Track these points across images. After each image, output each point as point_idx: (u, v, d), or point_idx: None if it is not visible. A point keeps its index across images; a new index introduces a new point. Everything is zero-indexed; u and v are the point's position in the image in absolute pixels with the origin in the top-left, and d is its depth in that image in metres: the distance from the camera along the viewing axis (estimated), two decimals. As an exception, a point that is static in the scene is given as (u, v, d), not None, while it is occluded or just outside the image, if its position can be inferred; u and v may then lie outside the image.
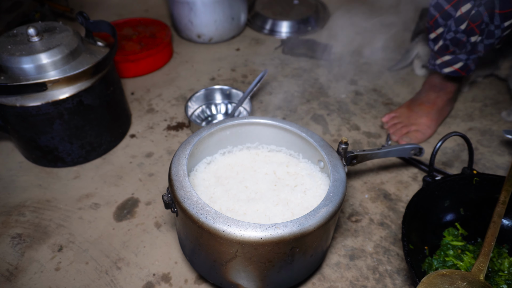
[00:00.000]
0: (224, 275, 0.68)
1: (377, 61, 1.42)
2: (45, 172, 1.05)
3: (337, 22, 1.60)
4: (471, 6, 0.91)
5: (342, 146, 0.79)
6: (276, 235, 0.59)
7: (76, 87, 0.95)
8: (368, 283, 0.80)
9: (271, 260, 0.63)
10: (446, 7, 0.94)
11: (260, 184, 0.78)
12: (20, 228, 0.91)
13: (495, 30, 0.92)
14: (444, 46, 1.01)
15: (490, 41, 0.95)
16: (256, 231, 0.59)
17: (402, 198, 0.97)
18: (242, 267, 0.64)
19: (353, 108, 1.24)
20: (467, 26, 0.94)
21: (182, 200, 0.64)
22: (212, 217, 0.61)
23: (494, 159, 1.06)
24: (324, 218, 0.63)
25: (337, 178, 0.70)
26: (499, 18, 0.90)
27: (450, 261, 0.76)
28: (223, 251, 0.63)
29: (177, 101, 1.28)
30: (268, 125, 0.82)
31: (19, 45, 0.93)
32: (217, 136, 0.81)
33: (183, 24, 1.50)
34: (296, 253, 0.64)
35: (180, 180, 0.67)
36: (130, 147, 1.12)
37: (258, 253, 0.61)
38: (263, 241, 0.59)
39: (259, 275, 0.66)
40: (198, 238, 0.64)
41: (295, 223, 0.61)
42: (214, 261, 0.66)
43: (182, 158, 0.71)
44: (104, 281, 0.81)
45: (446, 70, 1.05)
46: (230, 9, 1.48)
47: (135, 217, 0.93)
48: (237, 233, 0.59)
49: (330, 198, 0.66)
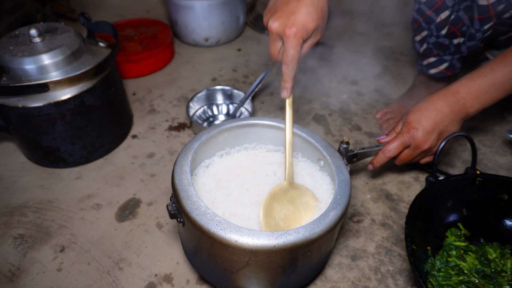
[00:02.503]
0: (234, 282, 0.67)
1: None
2: (47, 173, 1.05)
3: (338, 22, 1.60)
4: (450, 13, 0.92)
5: (343, 146, 0.79)
6: (289, 242, 0.59)
7: (78, 87, 0.95)
8: (370, 283, 0.80)
9: (283, 266, 0.63)
10: (428, 13, 0.95)
11: (262, 187, 0.77)
12: (22, 229, 0.92)
13: (476, 33, 0.93)
14: (428, 49, 1.02)
15: (472, 43, 0.96)
16: (269, 240, 0.58)
17: (404, 199, 0.96)
18: (253, 274, 0.64)
19: (354, 108, 1.24)
20: (448, 30, 0.94)
21: (190, 211, 0.62)
22: (223, 228, 0.59)
23: (496, 159, 1.06)
24: (334, 222, 0.63)
25: (342, 180, 0.69)
26: (478, 23, 0.90)
27: (453, 261, 0.76)
28: (234, 260, 0.62)
29: (179, 101, 1.28)
30: (266, 125, 0.82)
31: (21, 46, 0.94)
32: (215, 139, 0.80)
33: (189, 29, 1.48)
34: (307, 257, 0.64)
35: (186, 190, 0.65)
36: (131, 147, 1.12)
37: (271, 260, 0.61)
38: (276, 249, 0.59)
39: (269, 280, 0.66)
40: (208, 248, 0.63)
41: (307, 228, 0.60)
42: (224, 270, 0.66)
43: (185, 165, 0.69)
44: (106, 282, 0.81)
45: (432, 71, 1.07)
46: (236, 9, 1.49)
47: (137, 218, 0.93)
48: (249, 243, 0.58)
49: (338, 200, 0.65)
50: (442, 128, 0.81)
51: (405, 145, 0.84)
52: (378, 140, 0.88)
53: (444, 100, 0.81)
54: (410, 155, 0.85)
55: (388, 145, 0.84)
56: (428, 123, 0.81)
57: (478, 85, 0.80)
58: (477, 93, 0.80)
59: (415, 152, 0.84)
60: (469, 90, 0.80)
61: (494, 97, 0.80)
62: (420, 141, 0.82)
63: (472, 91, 0.80)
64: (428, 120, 0.81)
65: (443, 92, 0.83)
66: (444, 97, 0.82)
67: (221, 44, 1.55)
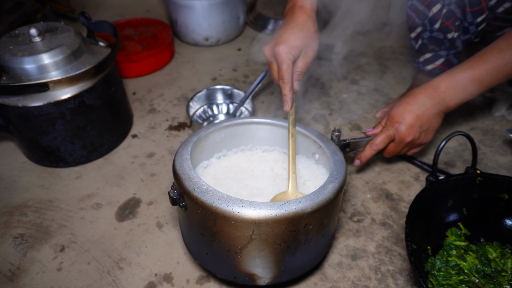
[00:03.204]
0: (238, 265, 0.68)
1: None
2: (47, 172, 1.05)
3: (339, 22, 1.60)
4: (441, 6, 0.93)
5: (335, 134, 0.81)
6: (291, 211, 0.60)
7: (78, 87, 0.95)
8: (370, 283, 0.80)
9: (286, 241, 0.64)
10: (420, 8, 0.96)
11: (260, 181, 0.79)
12: (22, 228, 0.92)
13: (469, 27, 0.94)
14: (423, 44, 1.03)
15: (466, 36, 0.97)
16: (270, 209, 0.60)
17: (404, 198, 0.96)
18: (257, 252, 0.65)
19: (354, 108, 1.24)
20: (441, 24, 0.95)
21: (191, 190, 0.63)
22: (225, 201, 0.61)
23: (496, 158, 1.06)
24: (333, 193, 0.65)
25: (337, 160, 0.72)
26: (471, 16, 0.92)
27: (453, 261, 0.76)
28: (238, 236, 0.63)
29: (179, 101, 1.28)
30: (262, 123, 0.84)
31: (21, 46, 0.94)
32: (212, 139, 0.82)
33: (190, 29, 1.48)
34: (310, 231, 0.65)
35: (187, 173, 0.66)
36: (131, 147, 1.12)
37: (274, 233, 0.62)
38: (278, 218, 0.60)
39: (274, 260, 0.66)
40: (211, 226, 0.64)
41: (307, 198, 0.62)
42: (228, 251, 0.66)
43: (185, 154, 0.71)
44: (106, 281, 0.81)
45: (429, 67, 1.07)
46: (236, 9, 1.49)
47: (137, 217, 0.93)
48: (252, 213, 0.60)
49: (335, 175, 0.68)
50: (424, 120, 0.84)
51: (391, 139, 0.87)
52: (365, 133, 0.93)
53: (425, 94, 0.84)
54: (396, 148, 0.89)
55: (374, 139, 0.88)
56: (411, 117, 0.84)
57: (457, 81, 0.82)
58: (456, 88, 0.82)
59: (400, 145, 0.88)
60: (448, 85, 0.83)
61: (472, 92, 0.82)
62: (404, 134, 0.85)
63: (451, 86, 0.83)
64: (410, 114, 0.84)
65: (424, 86, 0.86)
66: (425, 91, 0.84)
67: (221, 44, 1.55)
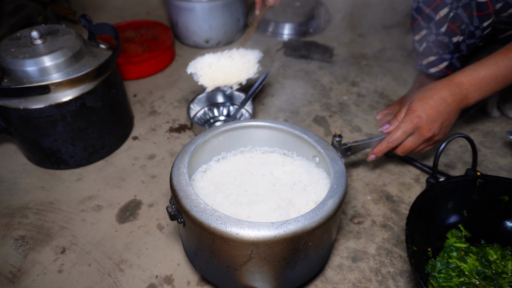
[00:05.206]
0: (238, 279, 0.67)
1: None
2: (48, 174, 1.05)
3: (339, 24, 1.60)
4: (449, 10, 0.92)
5: (336, 139, 0.80)
6: (290, 231, 0.59)
7: (79, 89, 0.95)
8: (371, 285, 0.80)
9: (286, 258, 0.63)
10: (426, 11, 0.96)
11: (259, 186, 0.78)
12: (23, 230, 0.92)
13: (475, 31, 0.94)
14: (428, 47, 1.02)
15: (471, 41, 0.97)
16: (269, 230, 0.59)
17: (405, 200, 0.96)
18: (257, 269, 0.64)
19: (355, 109, 1.24)
20: (448, 28, 0.95)
21: (189, 209, 0.63)
22: (224, 222, 0.60)
23: (496, 160, 1.06)
24: (332, 210, 0.64)
25: (338, 170, 0.71)
26: (477, 20, 0.91)
27: (454, 262, 0.76)
28: (237, 255, 0.62)
29: (179, 103, 1.29)
30: (261, 126, 0.83)
31: (23, 48, 0.94)
32: (210, 143, 0.81)
33: (190, 31, 1.49)
34: (309, 247, 0.64)
35: (184, 190, 0.66)
36: (132, 149, 1.12)
37: (273, 252, 0.61)
38: (277, 239, 0.59)
39: (274, 275, 0.66)
40: (209, 245, 0.64)
41: (306, 217, 0.61)
42: (227, 267, 0.66)
43: (182, 167, 0.70)
44: (106, 283, 0.81)
45: (432, 70, 1.07)
46: (236, 11, 1.49)
47: (137, 219, 0.93)
48: (250, 234, 0.59)
49: (335, 189, 0.67)
50: (445, 117, 0.84)
51: (408, 134, 0.85)
52: (382, 131, 0.90)
53: (448, 90, 0.83)
54: (414, 143, 0.87)
55: (391, 134, 0.86)
56: (432, 112, 0.83)
57: (481, 77, 0.81)
58: (480, 85, 0.81)
59: (419, 140, 0.86)
60: (472, 82, 0.82)
61: (494, 89, 0.82)
62: (424, 129, 0.84)
63: (475, 83, 0.82)
64: (432, 108, 0.83)
65: (446, 81, 0.84)
66: (448, 86, 0.83)
67: (222, 46, 1.55)
